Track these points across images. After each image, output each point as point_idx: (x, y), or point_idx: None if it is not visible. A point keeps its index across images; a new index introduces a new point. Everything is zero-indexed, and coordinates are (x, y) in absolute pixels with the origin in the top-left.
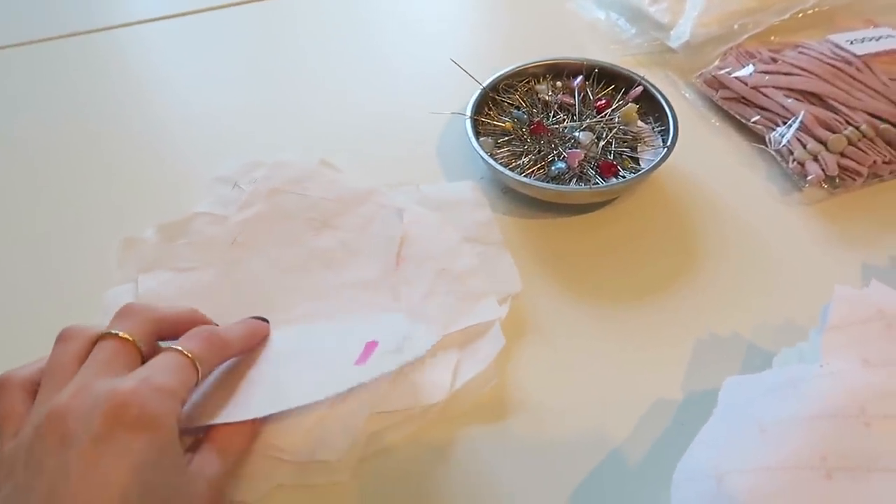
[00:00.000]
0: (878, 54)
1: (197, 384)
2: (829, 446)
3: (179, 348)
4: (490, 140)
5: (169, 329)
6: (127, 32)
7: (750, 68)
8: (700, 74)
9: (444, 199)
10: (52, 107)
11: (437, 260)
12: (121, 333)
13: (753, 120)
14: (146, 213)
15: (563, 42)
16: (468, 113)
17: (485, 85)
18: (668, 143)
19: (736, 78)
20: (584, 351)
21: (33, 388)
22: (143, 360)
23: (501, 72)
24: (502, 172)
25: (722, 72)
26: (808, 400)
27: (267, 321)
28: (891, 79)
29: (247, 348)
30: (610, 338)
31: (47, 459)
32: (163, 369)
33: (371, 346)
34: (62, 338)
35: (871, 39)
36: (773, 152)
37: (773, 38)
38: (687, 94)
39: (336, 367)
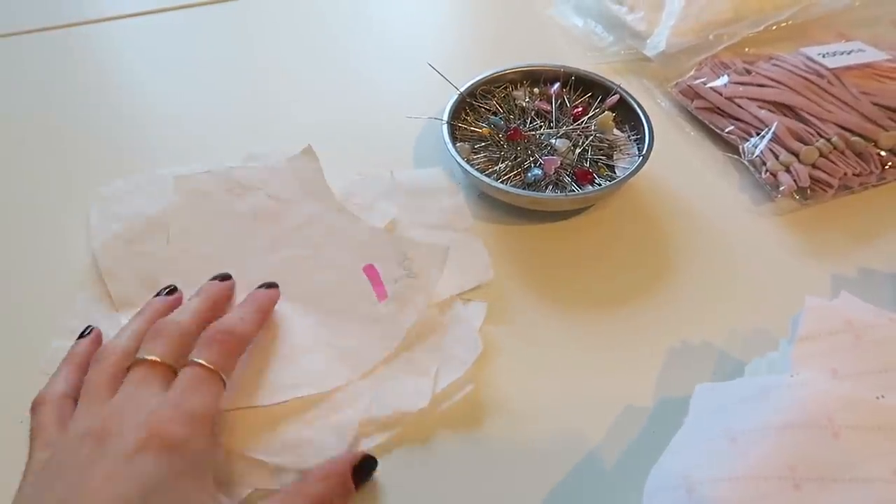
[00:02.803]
0: (849, 68)
1: (225, 387)
2: (797, 456)
3: (201, 361)
4: (467, 145)
5: (195, 338)
6: (97, 29)
7: (724, 79)
8: (675, 84)
9: (416, 185)
10: (19, 104)
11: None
12: (150, 357)
13: (727, 130)
14: None
15: (541, 49)
16: (445, 118)
17: (462, 90)
18: (644, 152)
19: (711, 88)
20: (556, 358)
21: (67, 402)
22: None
23: (479, 77)
24: (478, 178)
25: (697, 81)
26: (777, 410)
27: (276, 285)
28: (861, 92)
29: (261, 327)
30: (583, 345)
31: (72, 471)
32: (191, 389)
33: (372, 271)
34: (97, 358)
35: (842, 53)
36: (746, 162)
37: (747, 49)
38: (662, 103)
39: (365, 319)
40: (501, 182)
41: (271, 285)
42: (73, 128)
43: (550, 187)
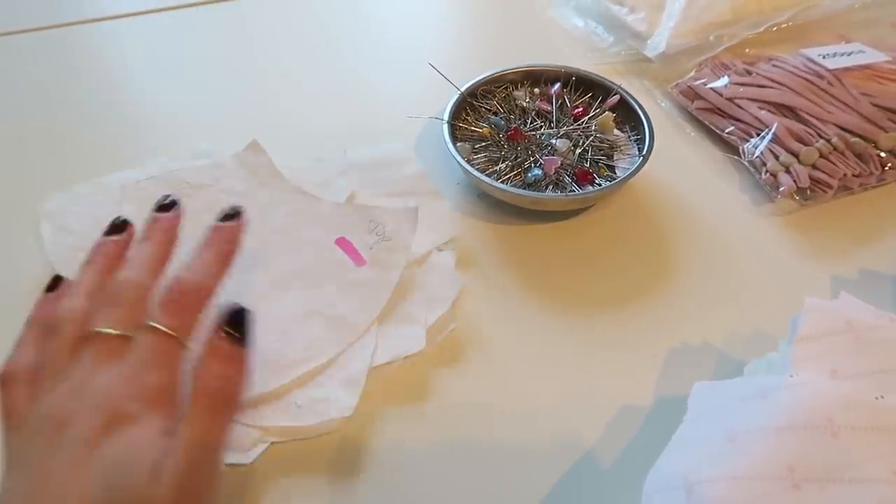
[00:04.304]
0: (849, 69)
1: (187, 348)
2: (796, 457)
3: (160, 327)
4: (467, 145)
5: (152, 291)
6: (97, 27)
7: (725, 80)
8: (676, 84)
9: (372, 160)
10: (17, 103)
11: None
12: (106, 331)
13: (728, 131)
14: None
15: (542, 49)
16: (445, 118)
17: (463, 90)
18: (644, 153)
19: (711, 89)
20: (556, 357)
21: (36, 375)
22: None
23: (479, 77)
24: (479, 178)
25: (697, 82)
26: (776, 410)
27: (238, 213)
28: (861, 93)
29: (225, 274)
30: (582, 344)
31: (35, 461)
32: (148, 363)
33: (344, 242)
34: (55, 327)
35: (842, 54)
36: (746, 163)
37: (747, 50)
38: (663, 104)
39: (347, 286)
40: (502, 182)
41: (232, 214)
42: (71, 121)
43: (551, 187)
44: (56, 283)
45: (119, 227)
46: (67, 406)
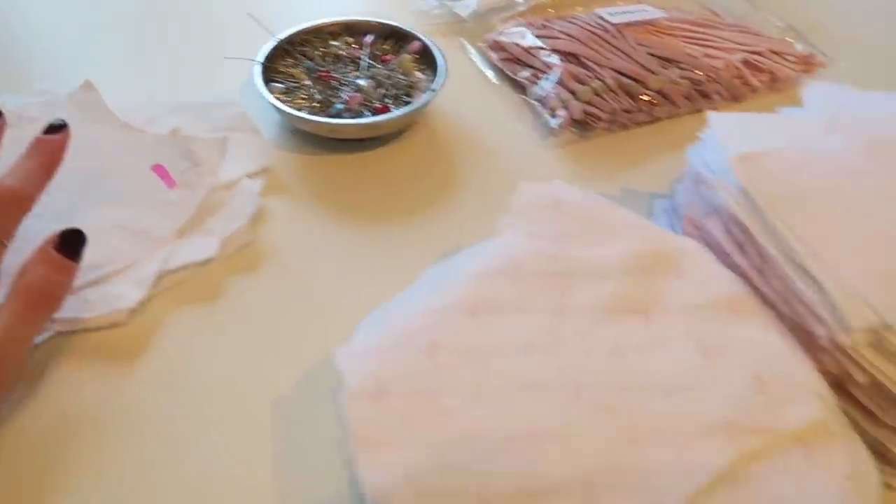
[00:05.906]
0: (630, 24)
1: (5, 249)
2: (482, 295)
3: None
4: (280, 86)
5: None
6: None
7: (525, 33)
8: (484, 40)
9: (199, 103)
10: None
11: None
12: None
13: (521, 75)
14: None
15: (371, 9)
16: (259, 59)
17: (280, 37)
18: (433, 86)
19: (513, 42)
20: (346, 268)
21: None
22: None
23: (298, 28)
24: (281, 109)
25: (501, 37)
26: (479, 261)
27: (65, 125)
28: (639, 44)
29: (48, 181)
30: (371, 256)
31: None
32: None
33: (160, 169)
34: None
35: (628, 12)
36: (533, 101)
37: (550, 10)
38: (475, 58)
39: (156, 204)
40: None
41: (57, 127)
42: None
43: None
44: None
45: None
46: None
